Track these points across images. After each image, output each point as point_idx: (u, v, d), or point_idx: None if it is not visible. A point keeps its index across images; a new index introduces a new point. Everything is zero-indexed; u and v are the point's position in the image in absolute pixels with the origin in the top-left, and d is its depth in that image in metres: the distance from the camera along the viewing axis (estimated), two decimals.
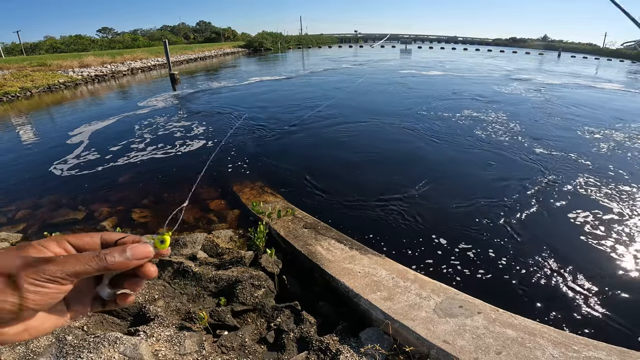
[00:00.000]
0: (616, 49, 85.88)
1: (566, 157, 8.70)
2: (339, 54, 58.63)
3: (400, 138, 10.44)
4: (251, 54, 62.29)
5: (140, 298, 3.22)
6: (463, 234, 5.47)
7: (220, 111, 14.59)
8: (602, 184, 7.11)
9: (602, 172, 7.77)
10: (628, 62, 60.72)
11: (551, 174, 7.58)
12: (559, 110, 14.44)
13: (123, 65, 34.63)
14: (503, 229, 5.61)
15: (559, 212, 6.13)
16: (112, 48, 55.54)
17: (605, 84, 24.89)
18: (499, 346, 2.68)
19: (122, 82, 27.60)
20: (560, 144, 9.76)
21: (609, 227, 5.64)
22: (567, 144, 9.79)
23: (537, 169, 7.90)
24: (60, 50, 51.67)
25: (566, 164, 8.24)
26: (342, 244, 4.41)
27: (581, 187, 7.01)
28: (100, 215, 6.25)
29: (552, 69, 37.01)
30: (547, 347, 2.66)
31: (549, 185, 7.07)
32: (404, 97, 17.10)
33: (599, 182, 7.22)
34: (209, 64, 42.20)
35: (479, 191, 6.84)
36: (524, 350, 2.63)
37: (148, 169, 8.45)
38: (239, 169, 8.19)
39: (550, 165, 8.14)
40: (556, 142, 9.93)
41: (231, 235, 5.23)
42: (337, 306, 3.55)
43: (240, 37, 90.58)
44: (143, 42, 65.70)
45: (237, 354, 2.67)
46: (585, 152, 9.16)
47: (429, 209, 6.21)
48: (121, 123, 13.17)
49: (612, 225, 5.71)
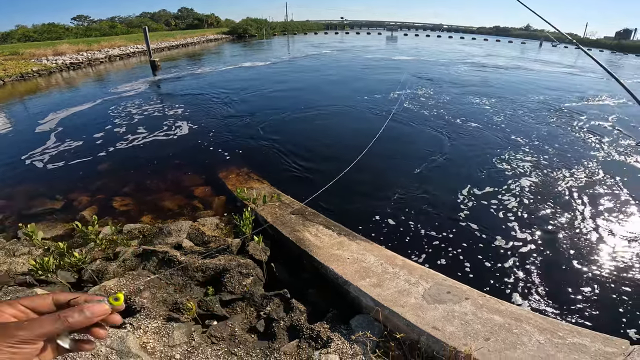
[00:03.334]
0: (596, 39, 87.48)
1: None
2: (323, 40, 58.16)
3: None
4: (235, 41, 60.88)
5: (125, 290, 3.14)
6: (443, 216, 5.53)
7: (201, 97, 14.31)
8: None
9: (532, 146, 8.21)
10: (608, 52, 62.60)
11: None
12: (482, 88, 16.41)
13: (100, 53, 33.29)
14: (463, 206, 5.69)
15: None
16: (89, 36, 53.32)
17: (560, 67, 28.25)
18: (487, 332, 2.71)
19: (99, 69, 26.63)
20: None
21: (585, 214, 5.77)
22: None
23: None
24: (33, 39, 49.28)
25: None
26: (330, 230, 4.39)
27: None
28: (80, 205, 6.06)
29: (523, 56, 38.84)
30: (534, 333, 2.70)
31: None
32: (375, 80, 18.28)
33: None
34: (191, 51, 41.08)
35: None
36: (511, 337, 2.67)
37: (128, 156, 8.22)
38: (223, 155, 8.05)
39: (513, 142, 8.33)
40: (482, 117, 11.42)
41: (217, 222, 5.14)
42: (326, 293, 3.53)
43: (224, 23, 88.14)
44: (121, 30, 63.37)
45: (228, 344, 2.62)
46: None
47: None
48: (98, 110, 12.75)
49: (595, 213, 5.85)
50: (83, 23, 71.68)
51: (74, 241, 4.71)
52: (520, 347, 2.58)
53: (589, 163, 7.62)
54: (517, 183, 6.64)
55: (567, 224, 5.42)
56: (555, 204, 5.97)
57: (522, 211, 5.73)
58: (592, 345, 2.59)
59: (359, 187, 6.36)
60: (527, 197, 6.15)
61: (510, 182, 6.66)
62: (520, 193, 6.28)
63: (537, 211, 5.76)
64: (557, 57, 39.44)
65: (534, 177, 6.91)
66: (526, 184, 6.62)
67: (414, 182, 6.64)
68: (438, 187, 6.51)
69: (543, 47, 61.71)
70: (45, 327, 0.53)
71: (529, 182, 6.67)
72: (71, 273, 3.66)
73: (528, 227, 5.30)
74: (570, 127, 10.54)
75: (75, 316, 0.56)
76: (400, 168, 7.35)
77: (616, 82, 3.07)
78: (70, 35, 54.77)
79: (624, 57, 50.12)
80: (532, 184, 6.64)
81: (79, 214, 5.63)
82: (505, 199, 6.09)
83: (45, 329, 0.53)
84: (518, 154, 8.08)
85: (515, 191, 6.34)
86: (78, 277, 3.65)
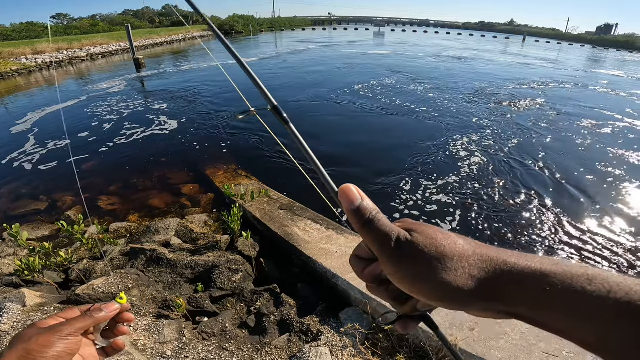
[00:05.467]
0: (578, 34, 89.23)
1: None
2: (310, 36, 58.02)
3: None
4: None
5: (114, 288, 3.12)
6: (424, 203, 5.61)
7: (186, 94, 14.14)
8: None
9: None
10: (589, 46, 64.46)
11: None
12: (448, 78, 18.01)
13: (81, 51, 32.55)
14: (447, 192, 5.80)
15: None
16: (69, 34, 52.08)
17: (534, 60, 30.76)
18: (472, 322, 2.77)
19: (80, 68, 26.03)
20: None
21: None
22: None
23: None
24: (11, 38, 48.01)
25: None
26: (318, 224, 4.42)
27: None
28: (64, 205, 5.97)
29: (502, 49, 40.61)
30: (517, 322, 2.76)
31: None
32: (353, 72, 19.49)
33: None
34: (176, 48, 40.56)
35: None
36: (495, 326, 2.73)
37: (113, 155, 8.11)
38: (210, 151, 8.01)
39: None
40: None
41: (206, 219, 5.13)
42: (316, 287, 3.56)
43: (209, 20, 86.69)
44: (103, 28, 62.03)
45: (219, 340, 2.64)
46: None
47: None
48: (80, 108, 12.48)
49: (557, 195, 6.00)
50: (63, 22, 70.14)
51: (59, 241, 4.65)
52: (504, 337, 2.64)
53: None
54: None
55: (530, 207, 5.57)
56: (522, 187, 6.11)
57: (499, 202, 5.86)
58: None
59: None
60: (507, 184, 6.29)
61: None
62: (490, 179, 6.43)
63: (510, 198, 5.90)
64: (535, 52, 41.51)
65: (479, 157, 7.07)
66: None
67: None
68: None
69: (526, 42, 62.87)
70: (80, 322, 0.68)
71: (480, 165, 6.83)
72: (58, 273, 3.63)
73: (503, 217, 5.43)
74: (495, 106, 12.31)
75: (97, 312, 0.71)
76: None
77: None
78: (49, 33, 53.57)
79: (605, 52, 51.63)
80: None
81: (64, 214, 5.55)
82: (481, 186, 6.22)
83: (81, 324, 0.67)
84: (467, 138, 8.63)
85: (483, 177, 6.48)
86: (65, 276, 3.62)
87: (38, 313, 2.61)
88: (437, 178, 6.68)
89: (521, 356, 2.48)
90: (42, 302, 2.85)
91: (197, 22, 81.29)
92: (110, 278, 3.25)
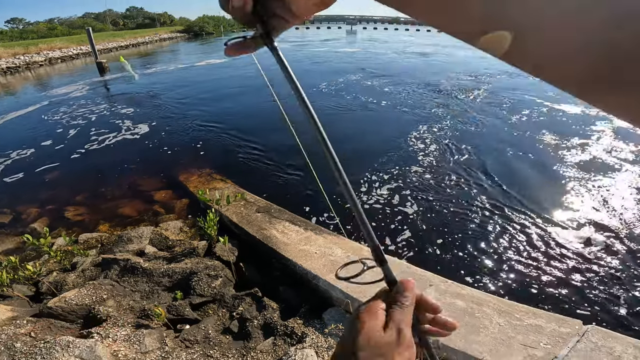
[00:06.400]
0: None
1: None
2: (282, 36, 57.54)
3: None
4: (192, 39, 59.14)
5: (87, 299, 3.01)
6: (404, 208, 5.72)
7: (153, 97, 13.76)
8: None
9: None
10: None
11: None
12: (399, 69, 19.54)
13: (39, 56, 31.08)
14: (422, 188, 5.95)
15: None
16: (25, 39, 49.68)
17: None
18: (452, 317, 2.84)
19: (39, 73, 24.88)
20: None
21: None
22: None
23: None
24: None
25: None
26: (296, 226, 4.42)
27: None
28: (29, 217, 5.69)
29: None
30: (494, 316, 2.86)
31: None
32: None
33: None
34: (143, 51, 39.31)
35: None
36: (474, 320, 2.81)
37: (79, 163, 7.80)
38: (182, 156, 7.83)
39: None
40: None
41: (181, 226, 5.02)
42: (297, 289, 3.56)
43: (178, 22, 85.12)
44: (62, 31, 59.63)
45: (202, 347, 2.59)
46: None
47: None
48: (40, 115, 11.96)
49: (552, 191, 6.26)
50: (18, 26, 67.04)
51: (26, 254, 4.43)
52: (483, 331, 2.72)
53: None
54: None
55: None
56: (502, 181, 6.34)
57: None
58: (547, 326, 2.75)
59: None
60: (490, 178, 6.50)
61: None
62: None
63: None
64: None
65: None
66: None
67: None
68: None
69: None
70: (403, 316, 0.50)
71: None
72: (28, 286, 3.47)
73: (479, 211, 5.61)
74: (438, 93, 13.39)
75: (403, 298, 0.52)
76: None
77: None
78: (5, 38, 51.01)
79: None
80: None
81: (29, 227, 5.28)
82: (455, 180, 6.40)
83: (407, 317, 0.50)
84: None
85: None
86: (35, 289, 3.47)
87: (11, 327, 2.49)
88: (388, 171, 6.90)
89: (501, 349, 2.56)
90: (13, 316, 2.72)
91: (164, 24, 79.46)
92: (83, 289, 3.13)
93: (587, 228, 5.21)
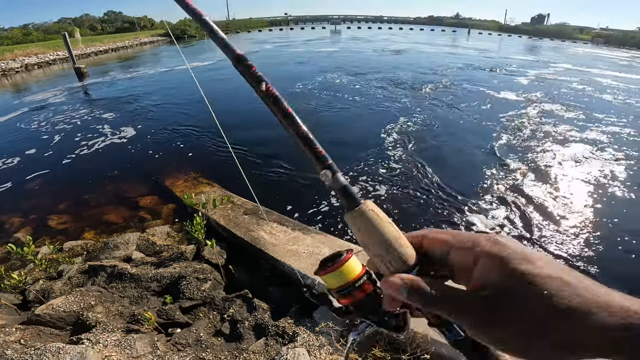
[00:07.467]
0: (515, 25, 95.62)
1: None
2: (266, 37, 57.57)
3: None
4: (173, 42, 58.49)
5: (75, 306, 2.98)
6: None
7: (135, 101, 13.61)
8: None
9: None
10: (525, 37, 69.61)
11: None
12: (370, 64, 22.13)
13: (15, 62, 30.25)
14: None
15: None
16: (0, 45, 48.31)
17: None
18: None
19: (15, 79, 24.19)
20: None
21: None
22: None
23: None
24: None
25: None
26: (284, 226, 4.44)
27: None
28: (12, 227, 5.58)
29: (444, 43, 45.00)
30: None
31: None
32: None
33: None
34: (123, 55, 38.56)
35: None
36: None
37: (61, 170, 7.66)
38: (167, 160, 7.77)
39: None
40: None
41: (168, 231, 4.99)
42: (287, 289, 3.59)
43: (159, 25, 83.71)
44: (37, 37, 58.07)
45: (194, 349, 2.60)
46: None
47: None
48: (18, 123, 11.66)
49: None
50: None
51: (11, 264, 4.35)
52: None
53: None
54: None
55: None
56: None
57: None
58: None
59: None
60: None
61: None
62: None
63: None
64: (473, 43, 46.82)
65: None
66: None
67: None
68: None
69: (471, 35, 66.93)
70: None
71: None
72: (15, 295, 3.42)
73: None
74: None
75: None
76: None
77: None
78: None
79: (539, 41, 56.14)
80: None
81: (13, 236, 5.18)
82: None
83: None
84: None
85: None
86: (23, 298, 3.43)
87: (0, 334, 2.46)
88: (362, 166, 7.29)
89: None
90: (2, 324, 2.69)
91: (145, 28, 78.20)
92: (70, 296, 3.09)
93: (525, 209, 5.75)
